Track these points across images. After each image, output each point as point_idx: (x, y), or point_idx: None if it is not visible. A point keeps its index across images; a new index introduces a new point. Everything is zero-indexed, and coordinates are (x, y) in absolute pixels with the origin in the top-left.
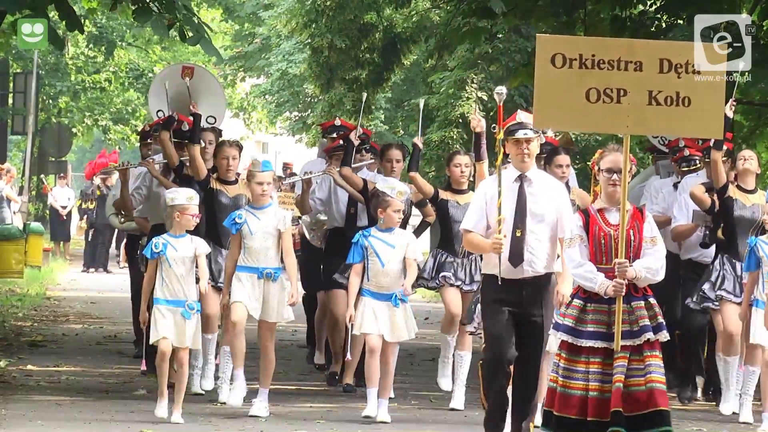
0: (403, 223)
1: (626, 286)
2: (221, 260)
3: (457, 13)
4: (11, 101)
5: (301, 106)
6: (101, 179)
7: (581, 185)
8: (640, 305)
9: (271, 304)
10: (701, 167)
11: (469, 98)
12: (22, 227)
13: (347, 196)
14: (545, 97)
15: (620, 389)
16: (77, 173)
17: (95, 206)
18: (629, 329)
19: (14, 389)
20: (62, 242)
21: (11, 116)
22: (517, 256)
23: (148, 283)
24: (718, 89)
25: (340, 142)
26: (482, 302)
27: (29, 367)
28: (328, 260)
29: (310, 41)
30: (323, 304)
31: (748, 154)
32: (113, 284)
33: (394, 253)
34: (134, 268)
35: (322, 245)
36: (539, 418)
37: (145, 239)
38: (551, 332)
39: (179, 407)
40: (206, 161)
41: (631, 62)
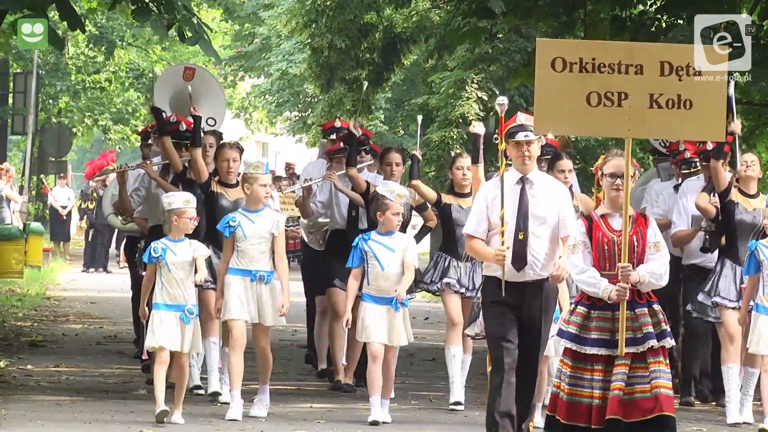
0: (402, 226)
1: (630, 292)
2: None
3: (457, 13)
4: (11, 101)
5: (301, 106)
6: (98, 182)
7: (580, 185)
8: (643, 312)
9: (265, 308)
10: (701, 170)
11: (469, 98)
12: (21, 227)
13: (348, 198)
14: (546, 101)
15: (619, 397)
16: (77, 173)
17: (95, 206)
18: (633, 336)
19: (14, 389)
20: (62, 242)
21: (11, 116)
22: (520, 260)
23: (146, 285)
24: (719, 91)
25: (340, 144)
26: (483, 304)
27: (29, 367)
28: (328, 261)
29: (310, 41)
30: (323, 309)
31: (750, 158)
32: (113, 284)
33: (393, 256)
34: (134, 268)
35: (320, 247)
36: (538, 418)
37: (143, 241)
38: (555, 338)
39: (179, 407)
40: (207, 164)
41: (631, 65)
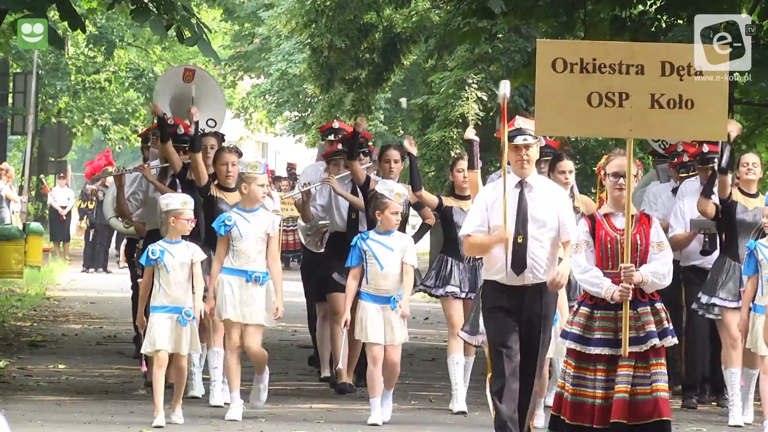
0: (401, 224)
1: (633, 291)
2: None
3: (456, 13)
4: (11, 101)
5: (301, 106)
6: (98, 184)
7: (580, 185)
8: (646, 311)
9: (257, 307)
10: (698, 173)
11: (469, 98)
12: (21, 227)
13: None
14: (547, 102)
15: (625, 400)
16: (77, 173)
17: (95, 206)
18: (635, 335)
19: (14, 389)
20: (62, 242)
21: (11, 116)
22: (519, 263)
23: (144, 289)
24: (720, 91)
25: (338, 146)
26: (483, 310)
27: (29, 367)
28: (329, 264)
29: (309, 41)
30: (323, 315)
31: (752, 160)
32: (113, 284)
33: (392, 255)
34: (134, 268)
35: (318, 249)
36: (539, 419)
37: (141, 242)
38: (560, 340)
39: (178, 406)
40: (208, 166)
41: (632, 65)
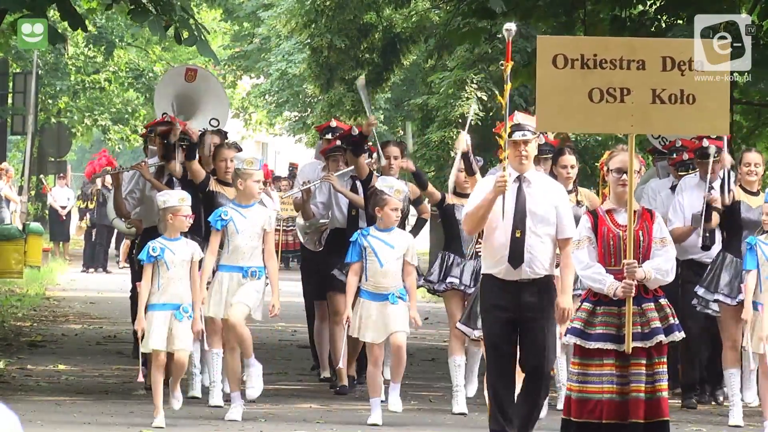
0: (401, 220)
1: (636, 287)
2: None
3: (456, 13)
4: (11, 101)
5: (300, 106)
6: (100, 186)
7: (579, 184)
8: (650, 307)
9: (249, 292)
10: (697, 169)
11: (468, 98)
12: (21, 227)
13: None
14: (548, 99)
15: (641, 399)
16: (77, 173)
17: (95, 206)
18: (640, 331)
19: (14, 389)
20: (62, 242)
21: (11, 116)
22: (517, 257)
23: (145, 287)
24: (722, 86)
25: (337, 143)
26: (481, 307)
27: (29, 367)
28: (328, 261)
29: (309, 41)
30: (322, 314)
31: (754, 160)
32: (112, 284)
33: (393, 253)
34: (135, 268)
35: (316, 248)
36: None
37: (137, 240)
38: (563, 339)
39: (176, 389)
40: (208, 163)
41: (633, 61)
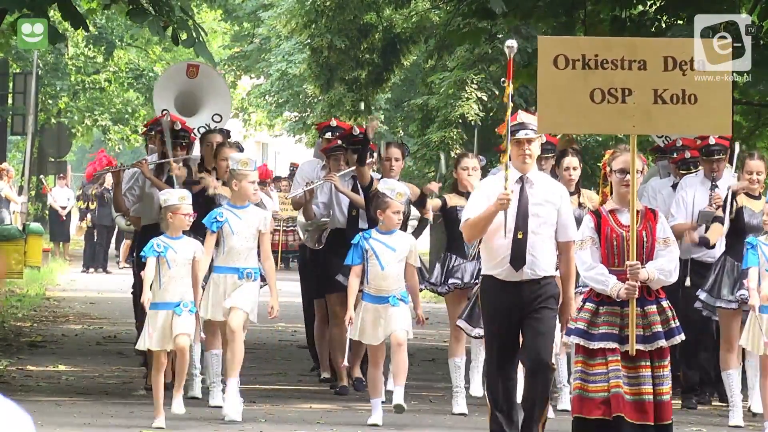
0: (402, 223)
1: (639, 288)
2: None
3: (456, 13)
4: (11, 101)
5: (300, 106)
6: (98, 186)
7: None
8: (652, 310)
9: (246, 295)
10: (700, 169)
11: (468, 98)
12: (21, 227)
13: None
14: (549, 99)
15: (650, 402)
16: (77, 173)
17: (95, 206)
18: (642, 334)
19: (14, 389)
20: (62, 243)
21: (11, 116)
22: (518, 258)
23: (149, 275)
24: (724, 85)
25: (338, 142)
26: (482, 307)
27: (29, 367)
28: (328, 261)
29: (309, 41)
30: (321, 314)
31: (756, 168)
32: (112, 284)
33: (394, 255)
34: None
35: (315, 246)
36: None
37: (134, 236)
38: (565, 338)
39: (179, 393)
40: (210, 162)
41: (634, 61)
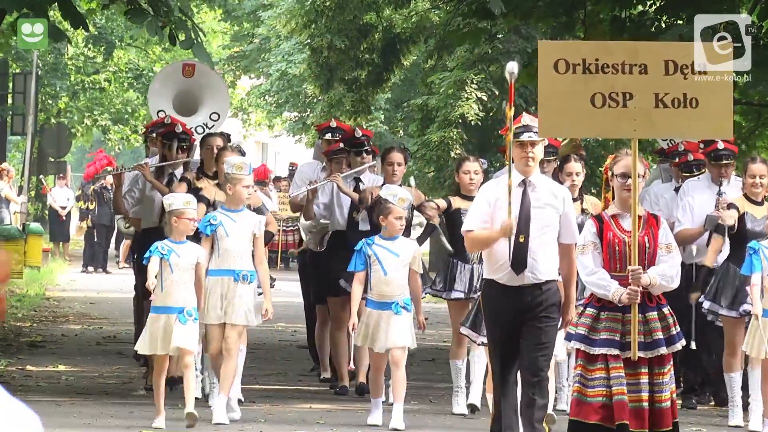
0: (405, 228)
1: (641, 294)
2: None
3: (456, 13)
4: (11, 101)
5: (300, 106)
6: (98, 186)
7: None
8: (653, 316)
9: (239, 306)
10: (704, 171)
11: (468, 98)
12: (21, 227)
13: (350, 200)
14: (549, 104)
15: (646, 409)
16: (77, 173)
17: (95, 206)
18: (643, 340)
19: (14, 390)
20: (61, 243)
21: (11, 116)
22: (520, 263)
23: (152, 271)
24: (724, 88)
25: (340, 145)
26: (484, 312)
27: (28, 367)
28: (329, 264)
29: (309, 41)
30: (323, 317)
31: (759, 172)
32: (112, 284)
33: (397, 261)
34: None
35: (317, 248)
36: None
37: (134, 237)
38: (563, 343)
39: (191, 404)
40: (211, 165)
41: (635, 65)
